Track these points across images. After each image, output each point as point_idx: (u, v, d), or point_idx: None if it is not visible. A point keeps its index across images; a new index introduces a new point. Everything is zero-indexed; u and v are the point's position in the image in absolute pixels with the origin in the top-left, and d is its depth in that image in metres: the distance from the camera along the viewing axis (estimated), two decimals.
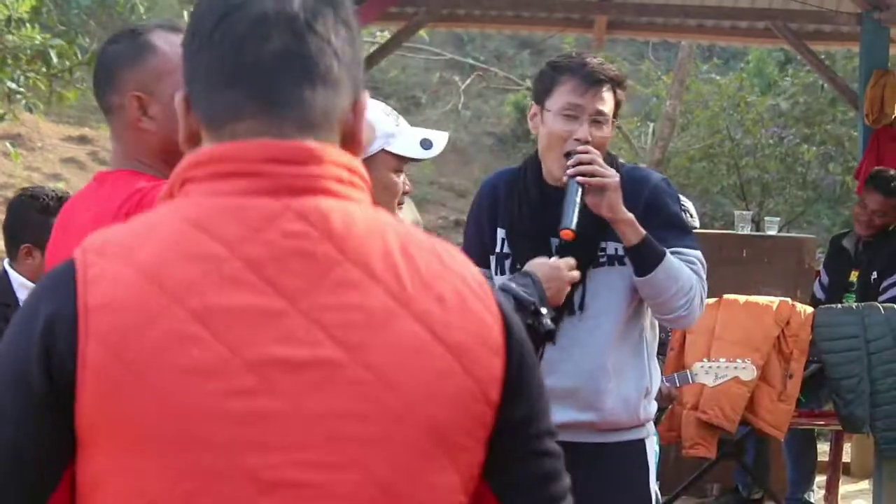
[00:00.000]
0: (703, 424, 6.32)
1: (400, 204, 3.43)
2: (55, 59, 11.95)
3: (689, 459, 6.51)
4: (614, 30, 10.28)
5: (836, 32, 9.72)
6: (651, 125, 18.17)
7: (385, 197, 3.13)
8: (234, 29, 1.53)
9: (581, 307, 3.46)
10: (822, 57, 10.52)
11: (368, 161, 3.17)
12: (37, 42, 11.98)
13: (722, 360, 5.68)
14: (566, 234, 3.29)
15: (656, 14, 9.58)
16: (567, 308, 3.43)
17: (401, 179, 3.17)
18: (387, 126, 3.19)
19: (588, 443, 3.43)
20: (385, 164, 3.13)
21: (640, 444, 3.56)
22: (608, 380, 3.44)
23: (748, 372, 5.67)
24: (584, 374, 3.44)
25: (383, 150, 3.16)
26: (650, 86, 18.51)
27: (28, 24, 12.10)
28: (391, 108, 3.24)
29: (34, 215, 4.32)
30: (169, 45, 2.50)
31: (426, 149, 3.19)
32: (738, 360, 5.69)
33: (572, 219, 3.29)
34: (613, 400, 3.47)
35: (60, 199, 4.38)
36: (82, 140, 23.84)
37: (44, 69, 12.27)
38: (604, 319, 3.45)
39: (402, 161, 3.18)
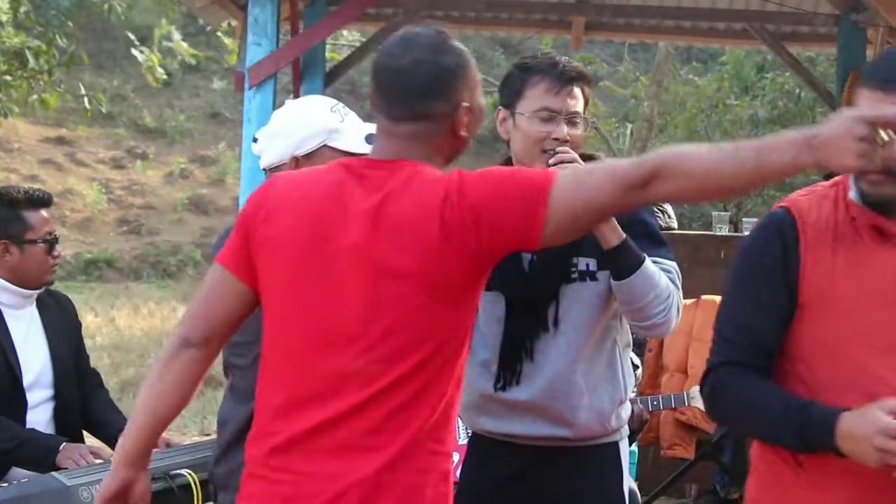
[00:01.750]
0: (682, 425, 6.34)
1: None
2: (32, 61, 11.89)
3: (667, 460, 6.52)
4: (592, 31, 10.29)
5: (814, 34, 9.74)
6: (629, 126, 18.22)
7: None
8: None
9: (555, 323, 3.40)
10: (805, 62, 10.53)
11: (311, 156, 3.22)
12: (15, 43, 11.91)
13: None
14: None
15: (634, 15, 9.59)
16: (541, 325, 3.40)
17: None
18: (329, 122, 3.24)
19: (563, 448, 3.41)
20: (329, 160, 3.17)
21: (614, 446, 3.52)
22: (580, 395, 3.39)
23: None
24: (556, 392, 3.39)
25: (325, 145, 3.22)
26: (628, 87, 18.56)
27: (5, 26, 12.02)
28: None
29: (2, 211, 4.31)
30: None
31: (371, 143, 3.22)
32: None
33: None
34: (587, 415, 3.41)
35: (27, 194, 4.35)
36: (60, 141, 23.74)
37: (21, 71, 12.20)
38: (575, 336, 3.39)
39: (347, 156, 3.19)
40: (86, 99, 15.25)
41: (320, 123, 3.25)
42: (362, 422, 2.51)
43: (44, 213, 4.38)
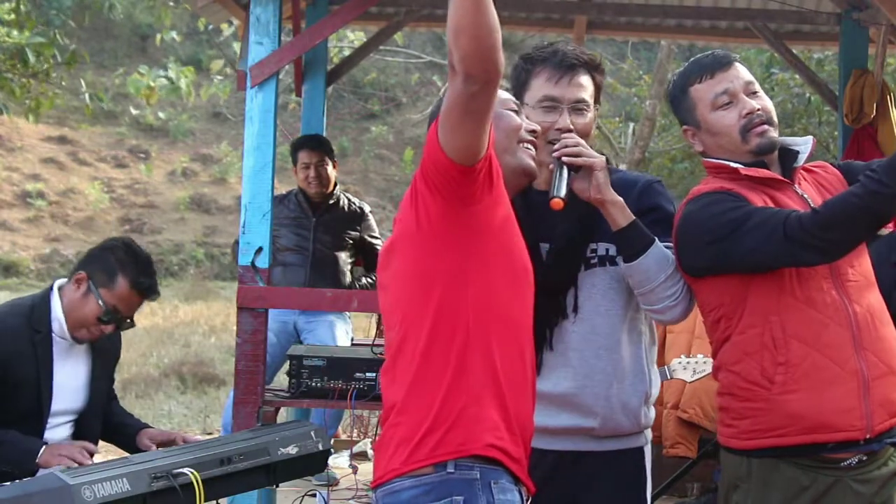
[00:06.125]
0: (684, 423, 6.33)
1: None
2: (33, 59, 11.88)
3: (669, 459, 6.51)
4: (594, 30, 10.28)
5: (816, 32, 9.74)
6: (632, 125, 18.19)
7: None
8: None
9: (575, 310, 3.35)
10: (811, 60, 10.48)
11: None
12: (16, 40, 11.87)
13: (699, 355, 5.69)
14: (556, 204, 3.16)
15: (636, 14, 9.57)
16: (560, 312, 3.34)
17: None
18: None
19: (587, 452, 3.37)
20: None
21: (639, 452, 3.47)
22: (608, 384, 3.34)
23: None
24: (583, 379, 3.33)
25: None
26: (631, 86, 18.54)
27: (5, 24, 11.99)
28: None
29: (117, 254, 4.37)
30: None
31: None
32: None
33: (561, 188, 3.18)
34: (614, 405, 3.35)
35: (142, 281, 4.36)
36: (62, 140, 23.76)
37: (23, 68, 12.17)
38: (599, 322, 3.34)
39: None
40: (87, 97, 15.24)
41: None
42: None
43: (135, 296, 4.35)
